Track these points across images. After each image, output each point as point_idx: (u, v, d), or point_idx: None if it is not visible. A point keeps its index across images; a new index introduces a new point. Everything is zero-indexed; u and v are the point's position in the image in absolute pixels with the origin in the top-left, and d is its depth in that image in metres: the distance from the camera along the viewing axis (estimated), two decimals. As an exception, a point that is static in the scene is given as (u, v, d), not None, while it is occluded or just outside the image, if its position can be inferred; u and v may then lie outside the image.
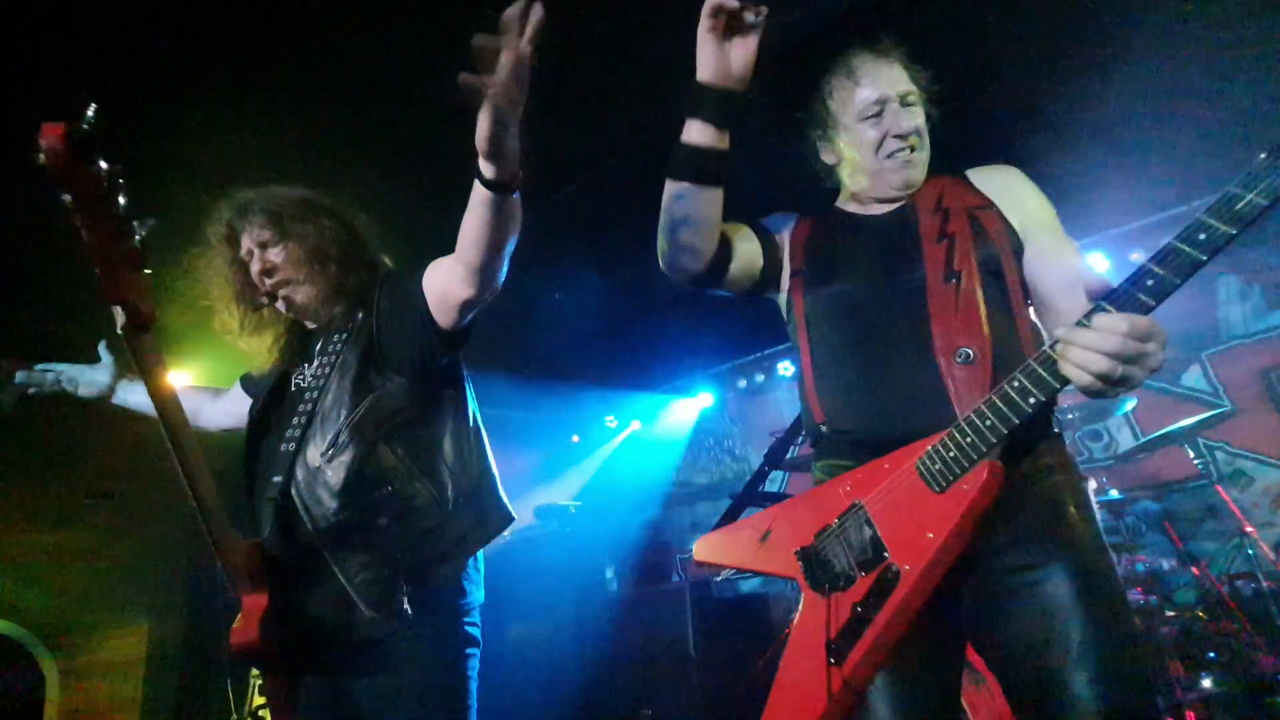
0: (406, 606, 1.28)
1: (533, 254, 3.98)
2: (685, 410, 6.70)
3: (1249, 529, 2.98)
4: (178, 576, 4.58)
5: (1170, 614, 2.95)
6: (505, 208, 1.17)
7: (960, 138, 1.46)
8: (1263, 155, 0.83)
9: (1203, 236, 0.84)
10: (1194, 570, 3.14)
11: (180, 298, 3.98)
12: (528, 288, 4.33)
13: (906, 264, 1.25)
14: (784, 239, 1.44)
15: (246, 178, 1.65)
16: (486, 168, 1.11)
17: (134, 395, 1.76)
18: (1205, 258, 0.84)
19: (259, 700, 3.58)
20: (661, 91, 2.75)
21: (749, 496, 2.22)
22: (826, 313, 1.32)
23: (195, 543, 4.62)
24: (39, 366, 1.81)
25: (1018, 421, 0.98)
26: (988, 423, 1.01)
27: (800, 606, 1.22)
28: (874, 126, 1.32)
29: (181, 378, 4.09)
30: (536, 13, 0.96)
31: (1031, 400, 0.97)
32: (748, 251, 1.37)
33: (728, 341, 5.71)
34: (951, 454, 1.04)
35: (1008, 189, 1.31)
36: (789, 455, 2.15)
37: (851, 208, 1.44)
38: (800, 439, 1.45)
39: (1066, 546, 1.06)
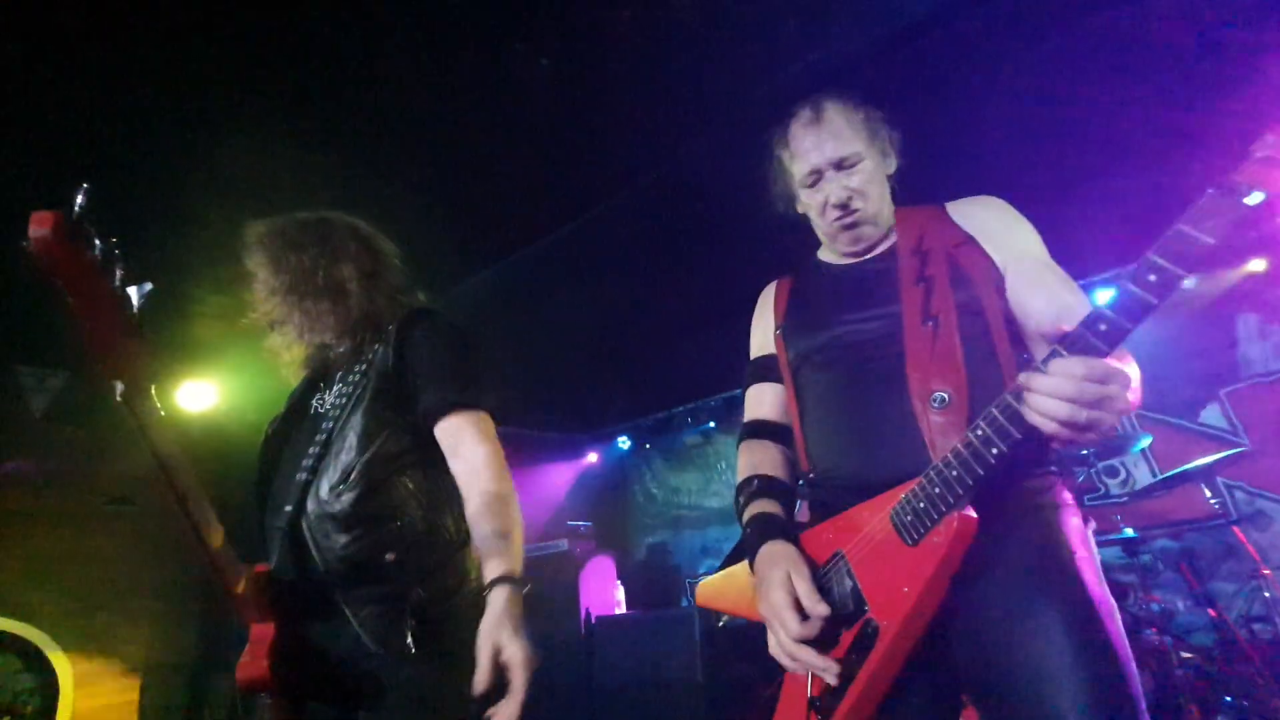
0: (410, 643, 1.28)
1: (547, 277, 4.05)
2: (697, 435, 6.69)
3: (1266, 571, 2.93)
4: (192, 584, 4.63)
5: (1186, 655, 2.90)
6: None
7: (967, 170, 1.48)
8: (1210, 190, 0.79)
9: (1153, 278, 0.81)
10: (1211, 612, 3.08)
11: (209, 310, 4.07)
12: (542, 308, 4.40)
13: (883, 309, 1.23)
14: (769, 320, 1.46)
15: (276, 196, 1.72)
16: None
17: None
18: (1156, 300, 0.81)
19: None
20: (669, 124, 2.84)
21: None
22: (808, 363, 1.32)
23: (213, 579, 4.67)
24: None
25: (983, 472, 0.95)
26: (954, 473, 0.98)
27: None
28: (815, 194, 1.34)
29: (208, 389, 4.18)
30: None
31: (994, 451, 0.93)
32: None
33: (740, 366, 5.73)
34: (921, 505, 1.01)
35: (988, 222, 1.28)
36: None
37: (829, 258, 1.45)
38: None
39: (1061, 595, 1.00)
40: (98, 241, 0.89)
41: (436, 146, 2.92)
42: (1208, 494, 3.16)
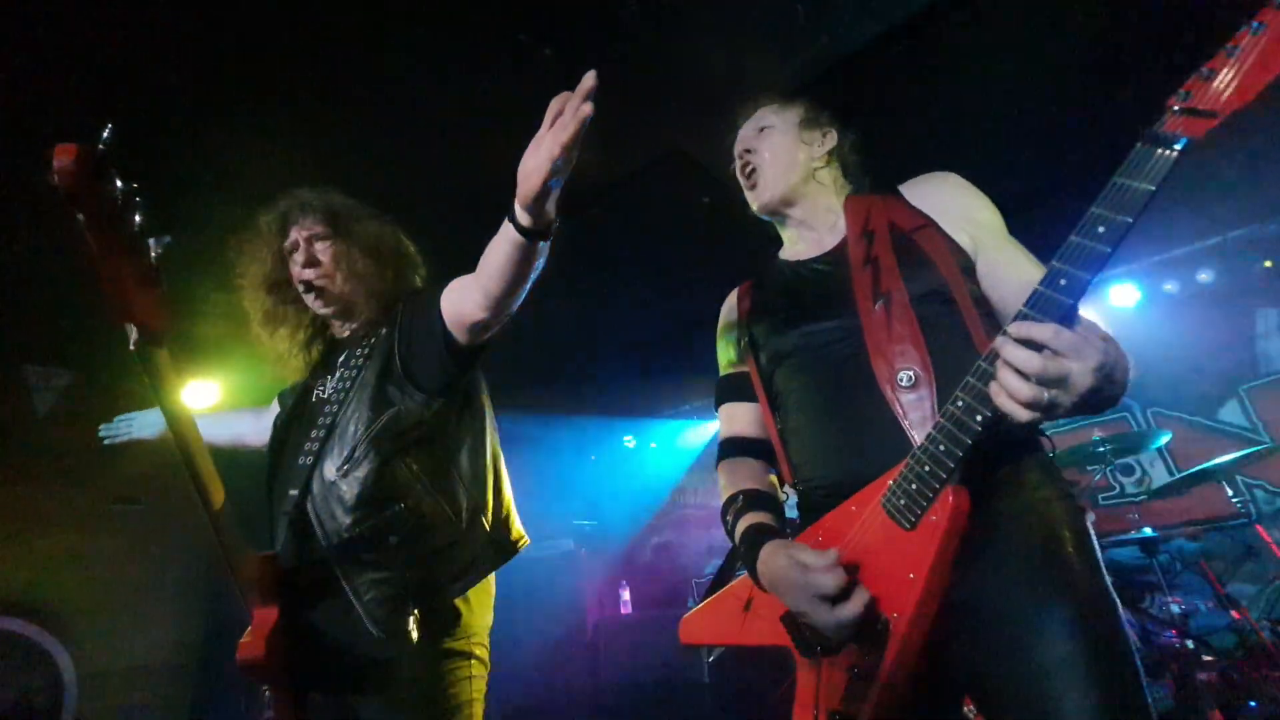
0: (413, 629, 1.27)
1: (550, 275, 4.01)
2: (702, 433, 6.65)
3: (1291, 572, 2.85)
4: (198, 583, 4.63)
5: (1208, 659, 2.82)
6: (533, 253, 1.19)
7: (980, 164, 1.43)
8: (1139, 144, 0.85)
9: (1102, 229, 0.84)
10: (1234, 614, 3.00)
11: (213, 309, 4.05)
12: (547, 307, 4.36)
13: (839, 302, 1.22)
14: (734, 331, 1.45)
15: (278, 193, 1.70)
16: (523, 216, 1.12)
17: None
18: (1109, 249, 0.84)
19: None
20: (687, 111, 2.79)
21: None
22: (778, 369, 1.30)
23: (216, 551, 4.68)
24: (119, 418, 1.93)
25: (970, 441, 0.93)
26: (941, 448, 0.95)
27: (796, 676, 1.14)
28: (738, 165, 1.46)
29: (210, 388, 4.17)
30: (590, 79, 0.99)
31: (979, 418, 0.91)
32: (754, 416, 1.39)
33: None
34: (913, 486, 0.99)
35: (948, 201, 1.25)
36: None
37: (790, 256, 1.43)
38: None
39: (1064, 592, 0.97)
40: (119, 183, 0.91)
41: (440, 140, 2.89)
42: (1229, 493, 3.08)
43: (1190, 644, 2.82)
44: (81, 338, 4.09)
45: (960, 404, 0.94)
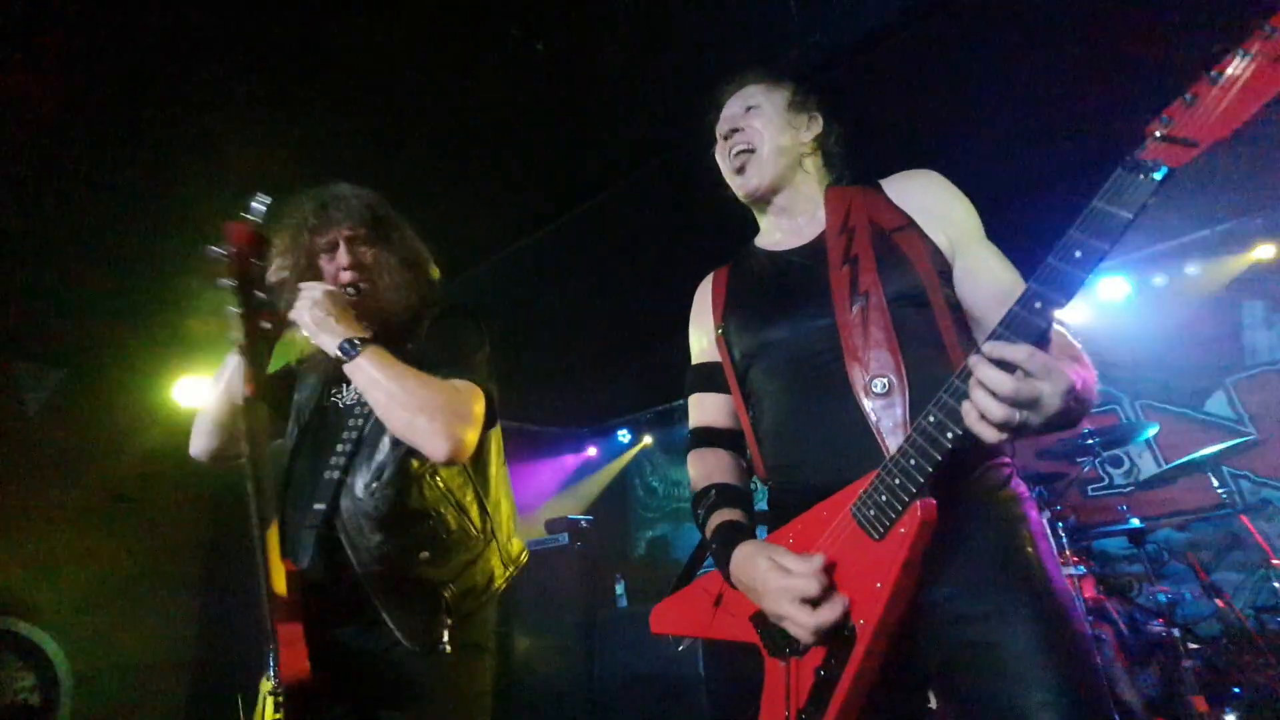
0: (446, 642, 1.28)
1: (544, 270, 4.01)
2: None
3: (1275, 561, 2.90)
4: (192, 581, 4.61)
5: (1193, 646, 2.87)
6: (367, 370, 1.19)
7: (971, 157, 1.45)
8: (1119, 170, 0.84)
9: (1079, 254, 0.84)
10: (1218, 602, 3.06)
11: (207, 305, 4.04)
12: (540, 301, 4.36)
13: (816, 300, 1.21)
14: (708, 320, 1.43)
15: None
16: (329, 347, 1.15)
17: None
18: (1084, 274, 0.84)
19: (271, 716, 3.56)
20: (676, 107, 2.80)
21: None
22: (753, 365, 1.29)
23: (209, 548, 4.67)
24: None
25: (940, 458, 0.93)
26: (911, 462, 0.96)
27: (765, 675, 1.16)
28: (724, 144, 1.42)
29: (206, 384, 4.15)
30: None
31: (949, 435, 0.92)
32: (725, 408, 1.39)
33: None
34: (883, 498, 0.99)
35: (928, 201, 1.24)
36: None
37: (768, 244, 1.41)
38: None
39: (1024, 592, 1.01)
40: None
41: (432, 137, 2.88)
42: (1214, 483, 3.12)
43: (1176, 632, 2.87)
44: (72, 336, 4.06)
45: (932, 419, 0.95)
